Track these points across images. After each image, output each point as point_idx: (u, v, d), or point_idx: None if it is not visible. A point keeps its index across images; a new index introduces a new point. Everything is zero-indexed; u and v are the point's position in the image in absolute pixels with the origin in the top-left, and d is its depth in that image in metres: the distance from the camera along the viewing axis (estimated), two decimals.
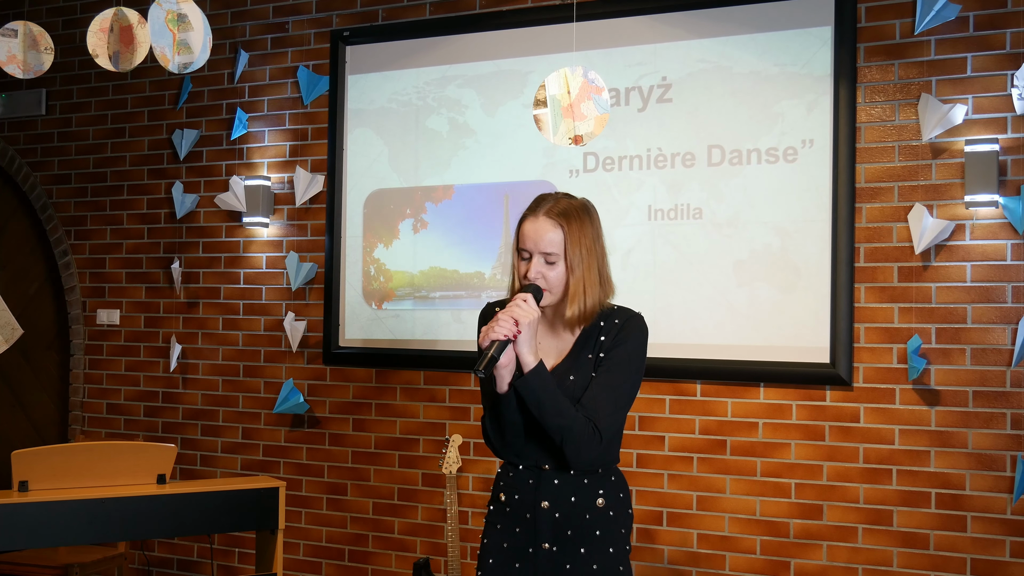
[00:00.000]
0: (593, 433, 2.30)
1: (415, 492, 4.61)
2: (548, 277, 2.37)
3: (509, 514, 2.44)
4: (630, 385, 2.39)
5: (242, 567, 4.97)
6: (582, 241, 2.36)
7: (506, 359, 2.31)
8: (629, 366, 2.38)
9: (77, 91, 5.47)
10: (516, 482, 2.44)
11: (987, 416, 3.68)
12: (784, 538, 3.95)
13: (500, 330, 2.28)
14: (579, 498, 2.38)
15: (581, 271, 2.36)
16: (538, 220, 2.38)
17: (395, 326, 4.69)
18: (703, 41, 4.13)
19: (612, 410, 2.33)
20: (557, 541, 2.38)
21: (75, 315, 5.42)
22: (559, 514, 2.38)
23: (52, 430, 5.58)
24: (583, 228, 2.38)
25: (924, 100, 3.76)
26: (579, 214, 2.39)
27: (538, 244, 2.36)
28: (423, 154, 4.65)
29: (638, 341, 2.42)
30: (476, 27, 4.54)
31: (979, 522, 3.68)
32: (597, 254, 2.41)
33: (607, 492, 2.41)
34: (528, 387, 2.30)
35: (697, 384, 4.11)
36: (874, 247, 3.86)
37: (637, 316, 2.45)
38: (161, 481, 3.67)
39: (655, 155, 4.21)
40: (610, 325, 2.41)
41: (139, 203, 5.29)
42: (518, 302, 2.31)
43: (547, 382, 2.31)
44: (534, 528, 2.40)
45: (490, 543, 2.48)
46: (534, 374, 2.30)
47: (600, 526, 2.38)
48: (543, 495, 2.39)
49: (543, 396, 2.30)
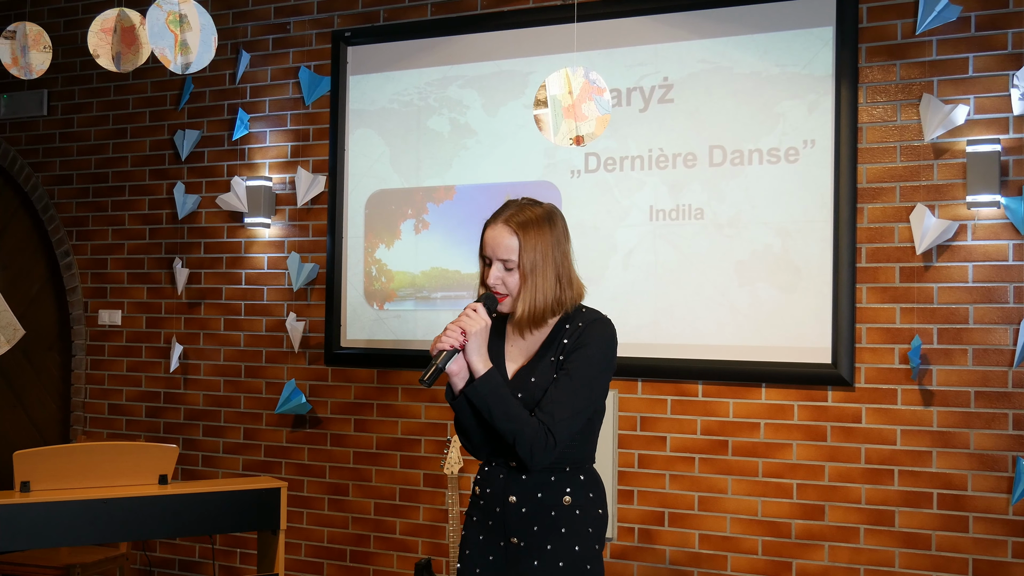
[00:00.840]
0: (547, 436, 2.33)
1: (417, 492, 4.62)
2: (507, 283, 2.43)
3: (483, 507, 2.50)
4: (589, 389, 2.39)
5: (244, 567, 4.97)
6: (537, 247, 2.41)
7: (457, 367, 2.39)
8: (589, 369, 2.40)
9: (78, 92, 5.47)
10: (489, 476, 2.50)
11: (989, 417, 3.68)
12: (786, 539, 3.95)
13: (447, 340, 2.36)
14: (545, 495, 2.42)
15: (534, 277, 2.41)
16: (496, 227, 2.43)
17: (397, 326, 4.69)
18: (704, 41, 4.13)
19: (568, 415, 2.35)
20: (524, 536, 2.42)
21: (77, 315, 5.43)
22: (526, 509, 2.42)
23: (54, 430, 5.59)
24: (541, 235, 2.42)
25: (926, 100, 3.76)
26: (538, 221, 2.43)
27: (496, 251, 2.42)
28: (424, 154, 4.65)
29: (600, 343, 2.43)
30: (477, 28, 4.54)
31: (981, 523, 3.68)
32: (555, 258, 2.43)
33: (575, 490, 2.43)
34: (476, 393, 2.36)
35: (698, 384, 4.11)
36: (876, 247, 3.86)
37: (602, 319, 2.47)
38: (163, 481, 3.67)
39: (656, 155, 4.21)
40: (573, 327, 2.44)
41: (140, 204, 5.30)
42: (468, 312, 2.40)
43: (496, 388, 2.36)
44: (503, 522, 2.45)
45: (468, 534, 2.54)
46: (482, 381, 2.36)
47: (566, 524, 2.41)
48: (511, 490, 2.44)
49: (491, 401, 2.35)
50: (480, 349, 2.38)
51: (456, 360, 2.39)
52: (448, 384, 2.45)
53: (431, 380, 2.35)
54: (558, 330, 2.46)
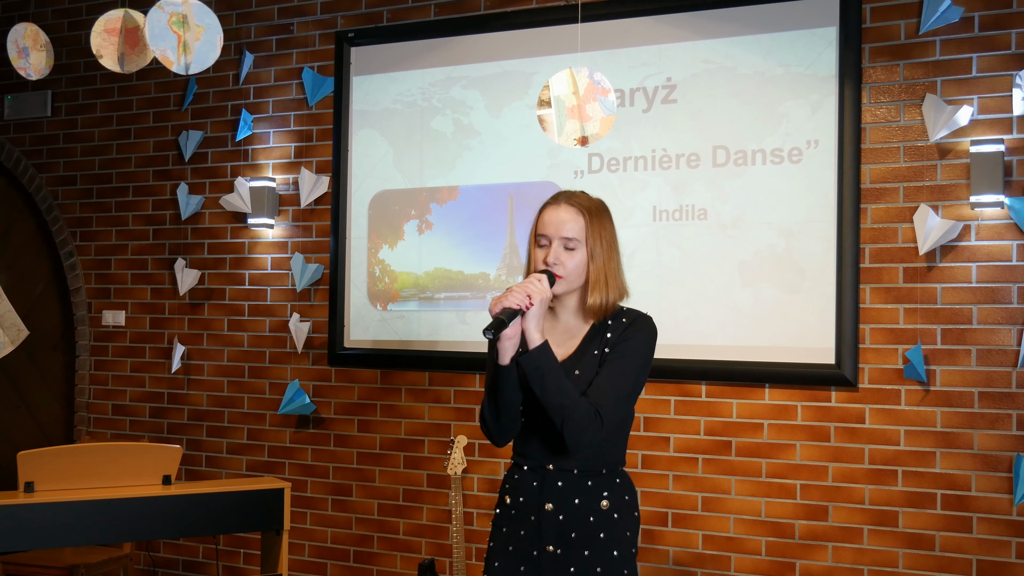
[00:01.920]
0: (595, 417, 2.27)
1: (420, 493, 4.62)
2: (566, 264, 2.38)
3: (514, 517, 2.44)
4: (634, 378, 2.37)
5: (247, 568, 4.98)
6: (603, 233, 2.40)
7: (512, 331, 2.29)
8: (634, 360, 2.38)
9: (82, 92, 5.48)
10: (521, 484, 2.44)
11: (993, 417, 3.68)
12: (789, 539, 3.95)
13: (512, 299, 2.28)
14: (583, 500, 2.38)
15: (603, 261, 2.39)
16: (560, 207, 2.41)
17: (400, 327, 4.69)
18: (708, 42, 4.13)
19: (615, 398, 2.32)
20: (561, 544, 2.37)
21: (80, 316, 5.43)
22: (563, 516, 2.38)
23: (58, 431, 5.59)
24: (604, 221, 2.43)
25: (929, 101, 3.76)
26: (600, 208, 2.46)
27: (559, 230, 2.38)
28: (428, 155, 4.65)
29: (644, 338, 2.42)
30: (481, 28, 4.54)
31: (985, 523, 3.67)
32: (615, 255, 2.44)
33: (611, 494, 2.40)
34: (532, 363, 2.28)
35: (702, 385, 4.11)
36: (879, 248, 3.86)
37: (646, 316, 2.46)
38: (166, 482, 3.67)
39: (660, 156, 4.21)
40: (618, 323, 2.42)
41: (144, 204, 5.30)
42: (533, 279, 2.32)
43: (551, 360, 2.29)
44: (538, 530, 2.39)
45: (496, 546, 2.48)
46: (539, 350, 2.29)
47: (604, 529, 2.37)
48: (547, 497, 2.39)
49: (546, 372, 2.27)
50: (538, 319, 2.30)
51: (513, 324, 2.28)
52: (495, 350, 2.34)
53: (494, 333, 2.24)
54: (600, 326, 2.43)
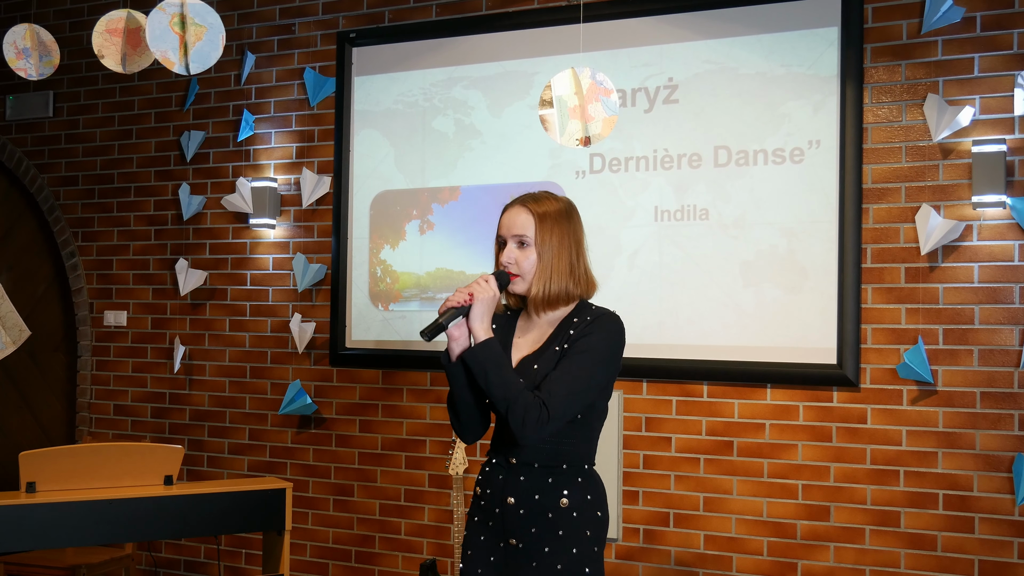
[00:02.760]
0: (540, 409, 2.31)
1: (422, 493, 4.62)
2: (521, 262, 2.46)
3: (483, 508, 2.51)
4: (588, 374, 2.39)
5: (249, 568, 4.98)
6: (553, 230, 2.46)
7: (458, 332, 2.41)
8: (591, 355, 2.40)
9: (84, 93, 5.48)
10: (490, 477, 2.51)
11: (995, 417, 3.67)
12: (791, 539, 3.95)
13: (453, 299, 2.40)
14: (543, 496, 2.42)
15: (550, 257, 2.45)
16: (513, 209, 2.51)
17: (402, 327, 4.69)
18: (709, 42, 4.13)
19: (564, 392, 2.35)
20: (522, 538, 2.42)
21: (82, 316, 5.44)
22: (523, 511, 2.42)
23: (59, 431, 5.60)
24: (557, 219, 2.48)
25: (931, 101, 3.75)
26: (554, 207, 2.50)
27: (511, 228, 2.48)
28: (429, 155, 4.65)
29: (606, 335, 2.43)
30: (482, 28, 4.54)
31: (987, 523, 3.67)
32: (570, 247, 2.48)
33: (572, 492, 2.42)
34: (474, 358, 2.37)
35: (704, 385, 4.11)
36: (881, 248, 3.85)
37: (611, 313, 2.49)
38: (168, 482, 3.67)
39: (661, 156, 4.20)
40: (582, 320, 2.45)
41: (146, 204, 5.30)
42: (479, 280, 2.43)
43: (494, 355, 2.37)
44: (502, 523, 2.45)
45: (469, 535, 2.55)
46: (481, 346, 2.38)
47: (563, 526, 2.41)
48: (509, 491, 2.44)
49: (488, 367, 2.36)
50: (484, 318, 2.40)
51: (459, 326, 2.41)
52: (445, 350, 2.46)
53: (430, 334, 2.37)
54: (566, 323, 2.47)
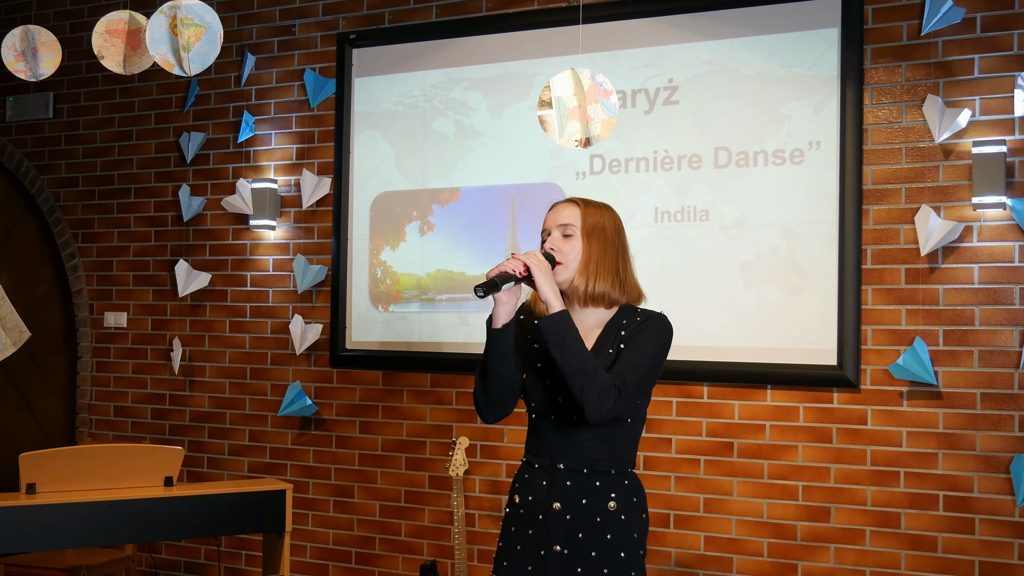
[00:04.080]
0: (614, 387, 2.27)
1: (422, 494, 4.61)
2: (564, 250, 2.43)
3: (523, 516, 2.45)
4: (649, 363, 2.37)
5: (249, 569, 4.98)
6: (602, 225, 2.45)
7: (506, 296, 2.33)
8: (650, 348, 2.38)
9: (84, 94, 5.48)
10: (531, 483, 2.46)
11: (995, 418, 3.67)
12: (791, 540, 3.94)
13: (508, 265, 2.33)
14: (590, 500, 2.38)
15: (598, 252, 2.43)
16: (560, 203, 2.51)
17: (402, 328, 4.69)
18: (710, 43, 4.13)
19: (633, 373, 2.33)
20: (568, 544, 2.37)
21: (82, 318, 5.44)
22: (570, 516, 2.38)
23: (60, 433, 5.60)
24: (603, 215, 2.47)
25: (931, 102, 3.75)
26: (601, 206, 2.50)
27: (556, 219, 2.46)
28: (429, 156, 4.66)
29: (660, 332, 2.42)
30: (482, 29, 4.54)
31: (987, 524, 3.67)
32: (617, 250, 2.46)
33: (619, 495, 2.40)
34: (551, 326, 2.29)
35: (704, 386, 4.10)
36: (881, 249, 3.85)
37: (660, 314, 2.48)
38: (168, 483, 3.67)
39: (662, 157, 4.20)
40: (631, 321, 2.43)
41: (146, 206, 5.30)
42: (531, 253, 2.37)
43: (570, 326, 2.30)
44: (546, 530, 2.40)
45: (504, 546, 2.49)
46: (560, 315, 2.29)
47: (611, 529, 2.37)
48: (555, 496, 2.39)
49: (567, 336, 2.27)
50: (554, 288, 2.32)
51: (510, 291, 2.33)
52: (488, 317, 2.38)
53: (485, 290, 2.27)
54: (614, 325, 2.44)
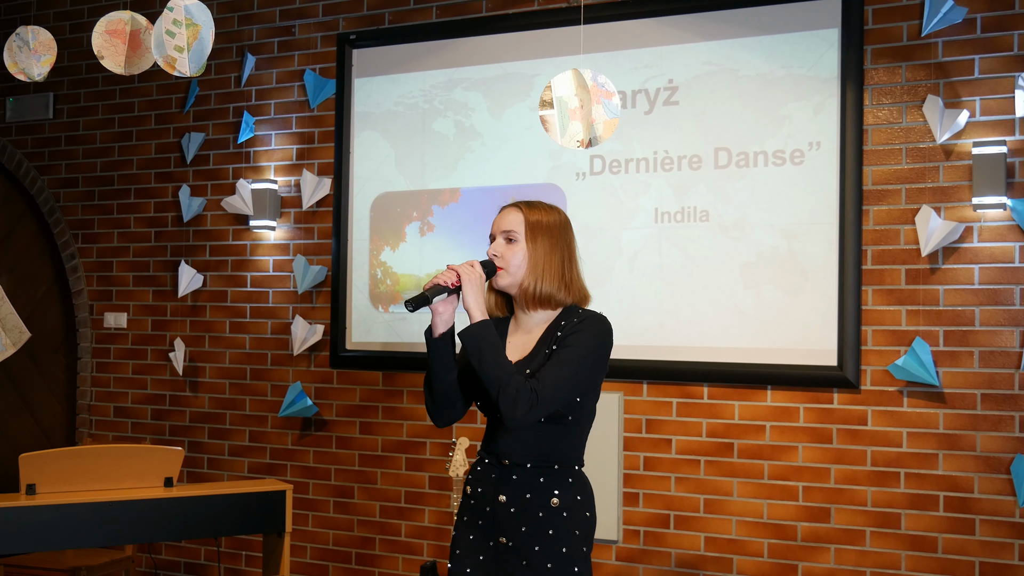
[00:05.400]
0: (531, 392, 2.35)
1: (422, 495, 4.61)
2: (507, 256, 2.50)
3: (474, 507, 2.53)
4: (575, 366, 2.41)
5: (249, 570, 4.97)
6: (545, 230, 2.51)
7: (442, 308, 2.45)
8: (578, 349, 2.42)
9: (84, 95, 5.48)
10: (481, 476, 2.54)
11: (995, 419, 3.67)
12: (792, 541, 3.94)
13: (441, 277, 2.45)
14: (534, 495, 2.44)
15: (542, 254, 2.49)
16: (505, 209, 2.57)
17: (402, 329, 4.69)
18: (710, 43, 4.13)
19: (553, 379, 2.38)
20: (513, 536, 2.45)
21: (82, 318, 5.44)
22: (514, 509, 2.45)
23: (60, 433, 5.59)
24: (548, 220, 2.53)
25: (931, 102, 3.75)
26: (546, 213, 2.55)
27: (500, 225, 2.53)
28: (429, 157, 4.65)
29: (593, 334, 2.46)
30: (482, 30, 4.54)
31: (988, 525, 3.67)
32: (562, 251, 2.52)
33: (563, 492, 2.45)
34: (470, 336, 2.40)
35: (704, 387, 4.10)
36: (881, 249, 3.85)
37: (598, 314, 2.52)
38: (168, 484, 3.67)
39: (662, 158, 4.20)
40: (569, 323, 2.48)
41: (146, 206, 5.30)
42: (465, 264, 2.47)
43: (489, 336, 2.40)
44: (493, 521, 2.48)
45: (458, 534, 2.57)
46: (478, 325, 2.40)
47: (553, 525, 2.43)
48: (502, 489, 2.47)
49: (483, 346, 2.38)
50: (477, 298, 2.43)
51: (444, 302, 2.45)
52: (428, 327, 2.48)
53: (414, 305, 2.40)
54: (554, 327, 2.50)
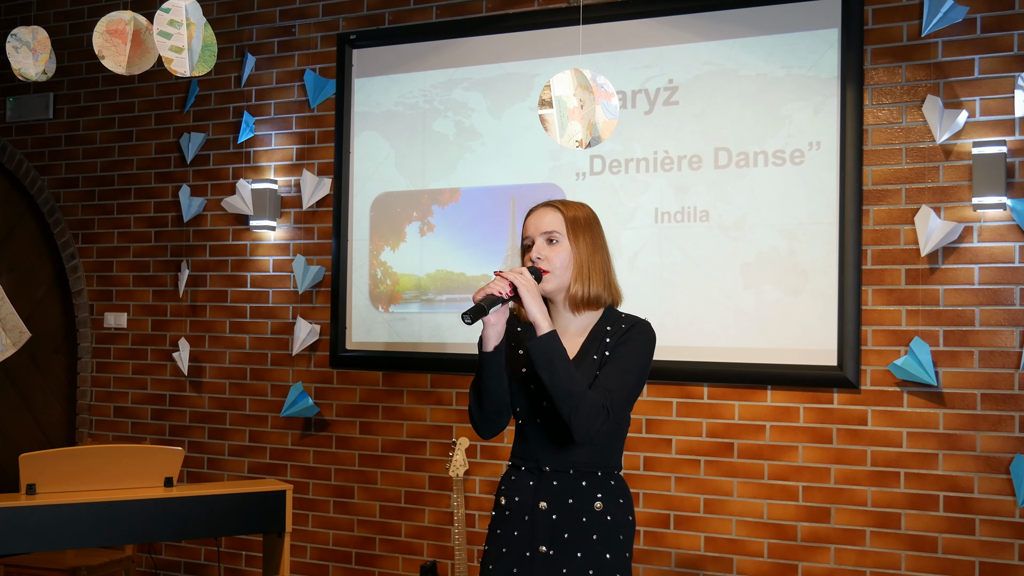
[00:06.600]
0: (602, 408, 2.27)
1: (422, 495, 4.61)
2: (551, 258, 2.40)
3: (509, 518, 2.44)
4: (634, 376, 2.37)
5: (249, 570, 4.98)
6: (585, 228, 2.43)
7: (495, 319, 2.32)
8: (635, 360, 2.38)
9: (84, 95, 5.48)
10: (517, 484, 2.45)
11: (995, 419, 3.67)
12: (792, 541, 3.94)
13: (494, 287, 2.31)
14: (577, 500, 2.37)
15: (586, 254, 2.42)
16: (539, 210, 2.47)
17: (402, 329, 4.69)
18: (710, 44, 4.13)
19: (620, 391, 2.32)
20: (554, 544, 2.36)
21: (82, 318, 5.44)
22: (556, 516, 2.37)
23: (60, 433, 5.60)
24: (585, 215, 2.46)
25: (931, 102, 3.75)
26: (582, 210, 2.48)
27: (539, 227, 2.43)
28: (429, 157, 4.66)
29: (645, 341, 2.42)
30: (482, 30, 4.54)
31: (987, 525, 3.67)
32: (602, 249, 2.47)
33: (605, 496, 2.39)
34: (540, 348, 2.27)
35: (704, 387, 4.10)
36: (881, 249, 3.85)
37: (644, 321, 2.47)
38: (168, 484, 3.67)
39: (662, 158, 4.20)
40: (616, 328, 2.43)
41: (146, 206, 5.30)
42: (514, 271, 2.33)
43: (559, 347, 2.28)
44: (532, 530, 2.39)
45: (490, 549, 2.47)
46: (548, 337, 2.27)
47: (597, 530, 2.37)
48: (541, 496, 2.39)
49: (555, 358, 2.26)
50: (542, 308, 2.30)
51: (498, 312, 2.31)
52: (480, 338, 2.36)
53: (472, 316, 2.24)
54: (598, 331, 2.43)
